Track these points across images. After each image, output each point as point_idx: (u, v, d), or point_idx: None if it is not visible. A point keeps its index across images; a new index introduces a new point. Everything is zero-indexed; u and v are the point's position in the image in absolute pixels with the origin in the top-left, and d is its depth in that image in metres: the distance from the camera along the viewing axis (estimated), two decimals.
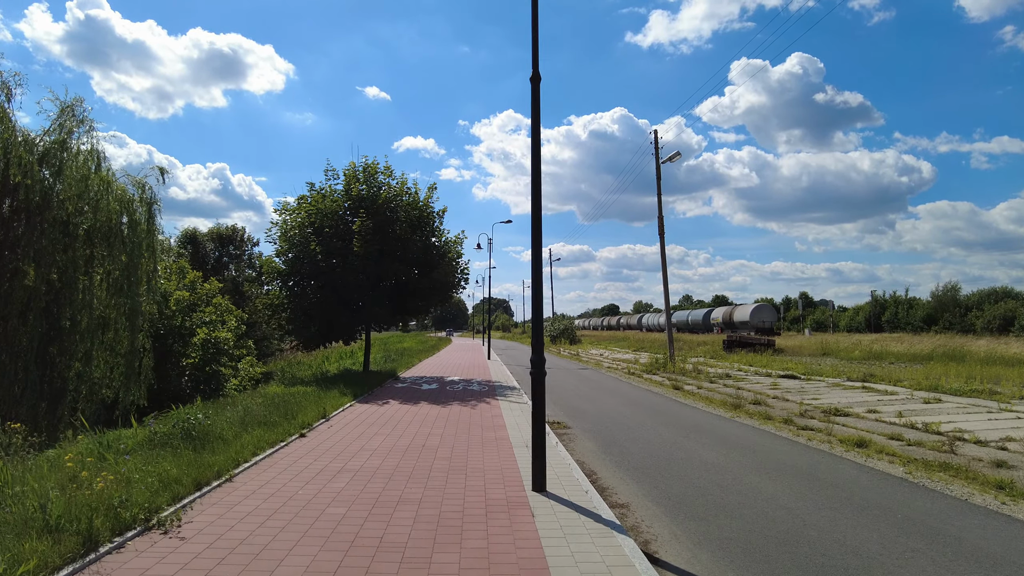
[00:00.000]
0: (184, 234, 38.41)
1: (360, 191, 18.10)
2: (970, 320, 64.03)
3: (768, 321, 57.94)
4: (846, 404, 13.63)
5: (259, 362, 22.71)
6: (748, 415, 12.34)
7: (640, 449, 8.96)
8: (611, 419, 11.81)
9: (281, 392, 12.50)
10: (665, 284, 25.34)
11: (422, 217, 18.82)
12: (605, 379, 20.74)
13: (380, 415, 11.30)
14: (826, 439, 9.64)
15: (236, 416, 9.03)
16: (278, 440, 8.37)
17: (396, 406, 12.58)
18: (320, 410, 10.75)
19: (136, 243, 13.52)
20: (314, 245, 17.16)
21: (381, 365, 23.03)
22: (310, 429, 9.55)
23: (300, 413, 10.22)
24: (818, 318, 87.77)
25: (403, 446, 8.46)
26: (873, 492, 6.58)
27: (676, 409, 13.35)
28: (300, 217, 18.02)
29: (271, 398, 11.26)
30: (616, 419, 11.81)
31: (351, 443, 8.61)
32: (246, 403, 10.41)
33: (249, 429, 8.46)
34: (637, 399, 15.11)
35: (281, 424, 9.11)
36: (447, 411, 11.94)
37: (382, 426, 10.12)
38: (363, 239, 16.93)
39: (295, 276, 17.83)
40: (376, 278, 17.79)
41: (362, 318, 18.10)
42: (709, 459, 8.26)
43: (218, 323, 21.16)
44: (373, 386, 15.77)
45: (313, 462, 7.38)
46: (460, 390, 15.89)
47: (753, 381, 19.46)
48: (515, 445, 8.60)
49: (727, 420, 11.81)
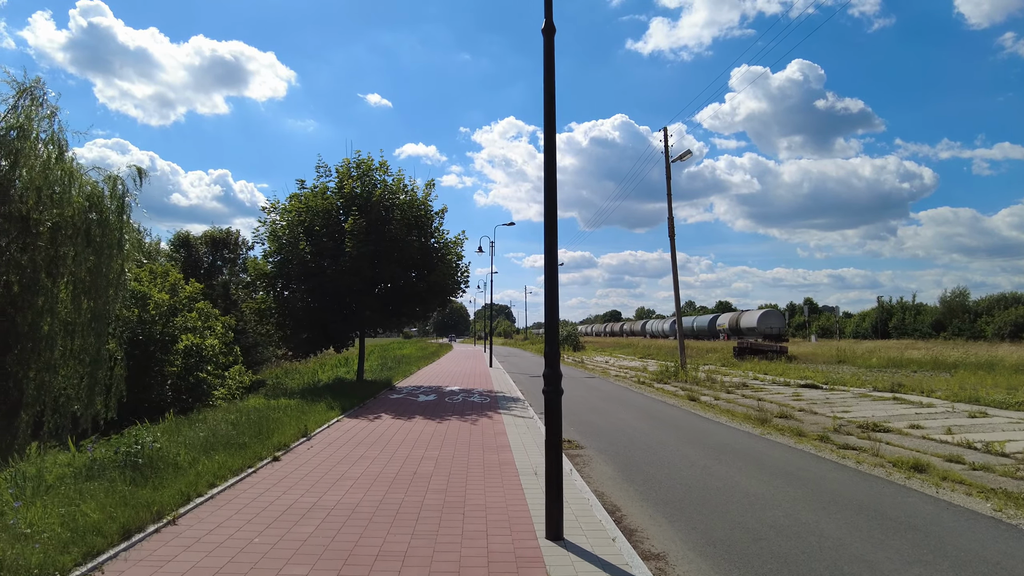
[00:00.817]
0: (177, 237, 37.31)
1: (353, 189, 16.94)
2: (980, 326, 62.73)
3: (776, 327, 56.60)
4: (882, 418, 12.40)
5: (248, 370, 21.49)
6: (778, 431, 11.12)
7: (667, 476, 7.73)
8: (628, 436, 10.58)
9: (261, 406, 11.29)
10: (676, 288, 24.15)
11: (420, 216, 17.65)
12: (615, 389, 19.50)
13: (369, 433, 10.08)
14: (876, 461, 8.41)
15: (198, 437, 7.81)
16: (245, 466, 7.15)
17: (388, 421, 11.36)
18: (301, 427, 9.53)
19: (106, 242, 12.37)
20: (303, 245, 15.99)
21: (377, 374, 21.80)
22: (286, 451, 8.33)
23: (277, 431, 9.00)
24: (823, 324, 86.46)
25: (391, 473, 7.24)
26: (966, 538, 5.34)
27: (697, 424, 12.12)
28: (290, 216, 16.86)
29: (247, 413, 10.05)
30: (633, 436, 10.58)
31: (331, 469, 7.40)
32: (218, 419, 9.19)
33: (212, 453, 7.24)
34: (652, 412, 13.87)
35: (252, 446, 7.89)
36: (444, 427, 10.71)
37: (370, 446, 8.90)
38: (356, 239, 15.75)
39: (283, 279, 16.63)
40: (370, 281, 16.61)
41: (355, 323, 16.88)
42: (751, 489, 7.03)
43: (204, 329, 20.02)
44: (365, 398, 14.55)
45: (281, 495, 6.17)
46: (460, 402, 14.67)
47: (772, 391, 18.23)
48: (522, 472, 7.37)
49: (757, 437, 10.58)
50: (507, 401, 15.02)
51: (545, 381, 5.05)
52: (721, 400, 16.07)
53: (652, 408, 14.60)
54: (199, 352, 18.37)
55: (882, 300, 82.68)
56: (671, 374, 23.13)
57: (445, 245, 18.28)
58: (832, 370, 25.46)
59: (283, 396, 13.04)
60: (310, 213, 16.57)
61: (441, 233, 18.48)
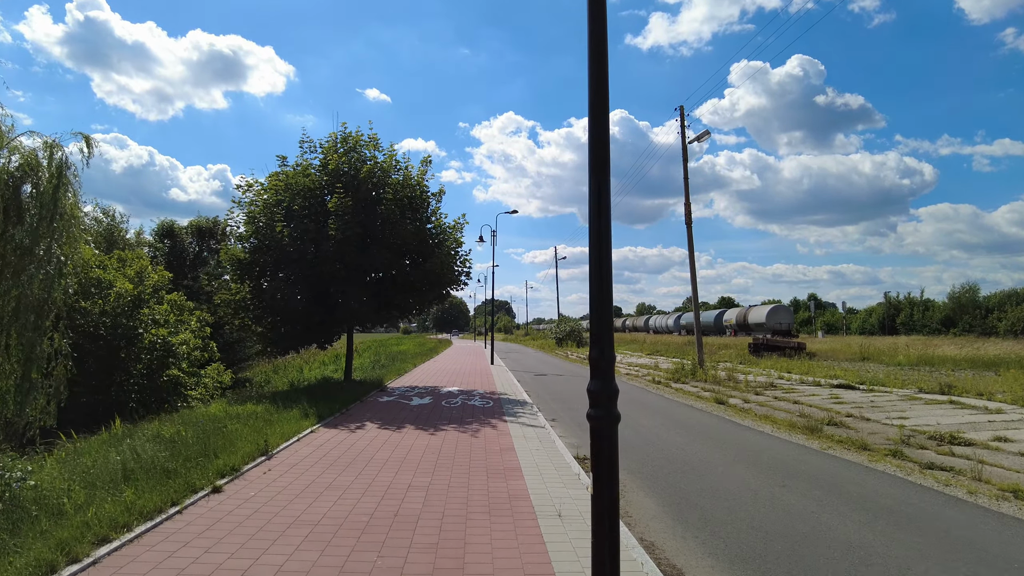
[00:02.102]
0: (161, 227, 35.37)
1: (340, 165, 15.03)
2: (991, 323, 61.06)
3: (785, 323, 54.79)
4: (952, 427, 10.57)
5: (227, 369, 19.62)
6: (837, 443, 9.30)
7: (730, 513, 5.88)
8: (662, 452, 8.72)
9: (220, 413, 9.44)
10: (693, 278, 22.26)
11: (415, 197, 15.75)
12: (630, 389, 17.65)
13: (347, 449, 8.22)
14: (989, 491, 6.57)
15: (113, 463, 5.95)
16: (166, 505, 5.29)
17: (373, 432, 9.50)
18: (260, 443, 7.66)
19: (43, 219, 10.49)
20: (280, 227, 14.08)
21: (367, 372, 19.93)
22: (235, 477, 6.48)
23: (227, 450, 7.15)
24: (828, 320, 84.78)
25: (364, 513, 5.39)
26: None
27: (738, 435, 10.27)
28: (267, 195, 14.96)
29: (195, 425, 8.18)
30: (669, 452, 8.72)
31: (285, 507, 5.54)
32: (149, 435, 7.32)
33: (126, 486, 5.39)
34: (680, 418, 12.03)
35: (186, 472, 6.04)
36: (439, 441, 8.86)
37: (344, 469, 7.04)
38: (341, 220, 13.86)
39: (260, 267, 14.73)
40: (357, 268, 14.71)
41: (341, 317, 14.99)
42: (851, 536, 5.18)
43: (177, 323, 18.14)
44: (350, 401, 12.69)
45: (201, 556, 4.32)
46: (458, 406, 12.81)
47: (806, 393, 16.39)
48: (540, 511, 5.52)
49: (816, 452, 8.74)
50: (512, 405, 13.17)
51: (592, 401, 3.18)
52: (752, 403, 14.25)
53: (679, 414, 12.76)
54: (169, 348, 16.51)
55: (889, 296, 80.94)
56: (688, 373, 21.29)
57: (443, 230, 16.39)
58: (860, 368, 23.63)
59: (252, 400, 11.18)
60: (290, 192, 14.68)
61: (439, 217, 16.59)
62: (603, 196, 3.23)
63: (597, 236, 3.22)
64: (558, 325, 57.00)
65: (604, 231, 3.22)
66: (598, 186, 3.23)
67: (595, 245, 3.23)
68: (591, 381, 3.19)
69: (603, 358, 3.15)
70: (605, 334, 3.17)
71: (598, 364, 3.16)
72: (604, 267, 3.19)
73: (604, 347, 3.15)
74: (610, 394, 3.14)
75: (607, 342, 3.16)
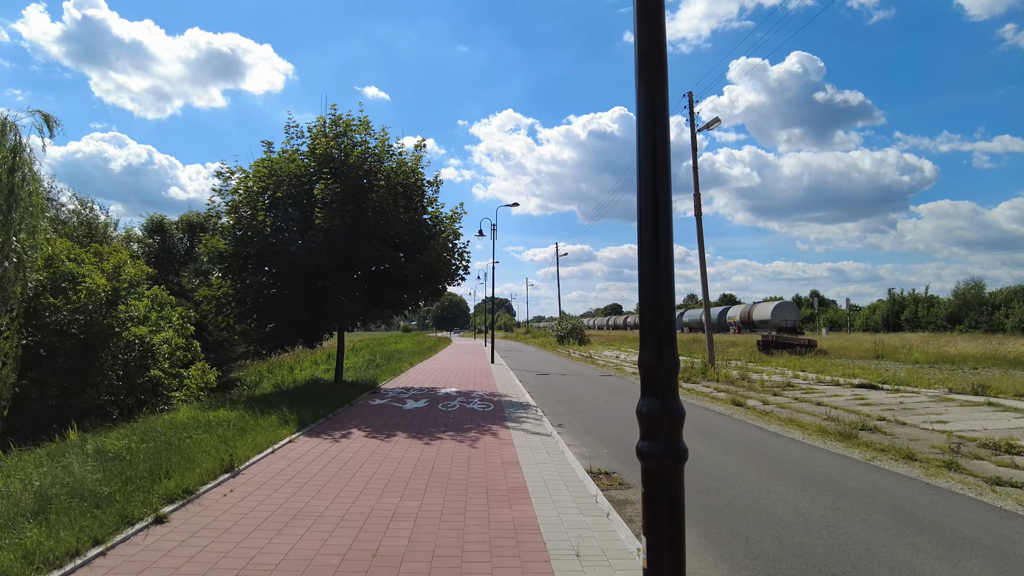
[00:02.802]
0: (150, 222, 34.24)
1: (329, 151, 13.94)
2: (997, 319, 60.09)
3: (791, 320, 53.74)
4: (1001, 432, 9.55)
5: (212, 368, 18.54)
6: (878, 452, 8.30)
7: (777, 542, 4.82)
8: (692, 469, 7.55)
9: (187, 421, 8.39)
10: (703, 273, 21.21)
11: (409, 185, 14.68)
12: (639, 390, 16.58)
13: (326, 463, 7.18)
14: None
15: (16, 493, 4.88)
16: (85, 544, 4.24)
17: (359, 442, 8.45)
18: (225, 458, 6.61)
19: None
20: (262, 216, 13.01)
21: (361, 373, 18.86)
22: (188, 501, 5.43)
23: (183, 467, 6.10)
24: (830, 317, 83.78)
25: (335, 554, 4.34)
26: None
27: (766, 442, 9.23)
28: (250, 182, 13.89)
29: (150, 436, 7.13)
30: (695, 463, 7.65)
31: (239, 543, 4.50)
32: (90, 451, 6.26)
33: (27, 524, 4.33)
34: (701, 423, 10.98)
35: (121, 500, 4.99)
36: (433, 452, 7.81)
37: (319, 490, 5.99)
38: (328, 208, 12.79)
39: (242, 259, 13.65)
40: (347, 262, 13.64)
41: (330, 314, 13.92)
42: None
43: (159, 320, 17.08)
44: (339, 405, 11.65)
45: None
46: (456, 410, 11.77)
47: (827, 393, 15.35)
48: (553, 550, 4.47)
49: (859, 464, 7.70)
50: (515, 408, 12.13)
51: (645, 428, 2.13)
52: (772, 405, 13.22)
53: (697, 418, 11.70)
54: (144, 346, 15.45)
55: (893, 292, 79.94)
56: (699, 371, 20.25)
57: (439, 220, 15.32)
58: (877, 367, 22.59)
59: (226, 405, 10.11)
60: (274, 179, 13.60)
61: (437, 207, 15.52)
62: (658, 121, 2.17)
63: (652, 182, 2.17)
64: (559, 323, 55.97)
65: (661, 175, 2.17)
66: (651, 107, 2.17)
67: (649, 202, 2.17)
68: (644, 399, 2.14)
69: (661, 365, 2.11)
70: (663, 328, 2.12)
71: (654, 374, 2.11)
72: (662, 228, 2.14)
73: (663, 348, 2.10)
74: (673, 419, 2.09)
75: (666, 340, 2.11)
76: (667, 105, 2.20)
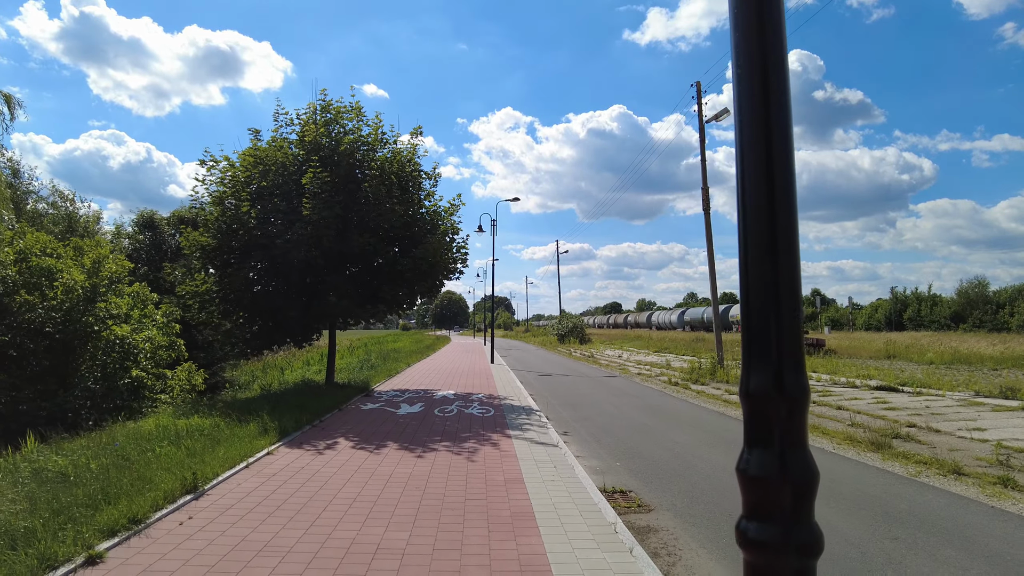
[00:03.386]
0: (141, 217, 33.37)
1: (318, 137, 13.08)
2: (1002, 318, 59.43)
3: None
4: None
5: (199, 369, 17.66)
6: (920, 465, 7.52)
7: None
8: (713, 482, 6.83)
9: (153, 431, 7.54)
10: (712, 266, 20.38)
11: (404, 175, 13.82)
12: (647, 393, 15.79)
13: (305, 481, 6.34)
14: None
15: None
16: None
17: (345, 455, 7.62)
18: (188, 476, 5.77)
19: None
20: (246, 207, 12.15)
21: (354, 374, 18.00)
22: (134, 533, 4.59)
23: (136, 489, 5.25)
24: (831, 316, 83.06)
25: None
26: None
27: None
28: (234, 172, 13.03)
29: (104, 450, 6.27)
30: (722, 482, 6.82)
31: None
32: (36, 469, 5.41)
33: None
34: (718, 431, 10.15)
35: (44, 536, 4.14)
36: (427, 467, 6.98)
37: (292, 516, 5.16)
38: (317, 199, 11.93)
39: (226, 253, 12.79)
40: (338, 256, 12.79)
41: (319, 312, 13.05)
42: None
43: (142, 319, 16.22)
44: (327, 410, 10.81)
45: None
46: (453, 415, 10.93)
47: (845, 396, 14.53)
48: None
49: (905, 481, 6.88)
50: (517, 413, 11.29)
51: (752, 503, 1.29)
52: None
53: (713, 425, 10.88)
54: (124, 346, 14.58)
55: (896, 291, 79.27)
56: (707, 372, 19.43)
57: (436, 212, 14.47)
58: (891, 367, 21.77)
59: (201, 411, 9.25)
60: (260, 168, 12.74)
61: (434, 201, 14.66)
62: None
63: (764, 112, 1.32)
64: (560, 322, 55.15)
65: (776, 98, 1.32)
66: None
67: (760, 143, 1.33)
68: (752, 452, 1.30)
69: (783, 397, 1.26)
70: (787, 339, 1.27)
71: (771, 410, 1.27)
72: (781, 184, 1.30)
73: (784, 370, 1.26)
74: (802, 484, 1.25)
75: (790, 359, 1.27)
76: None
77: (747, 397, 1.32)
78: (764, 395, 1.27)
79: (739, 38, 1.38)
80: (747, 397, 1.32)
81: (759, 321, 1.30)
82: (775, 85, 1.34)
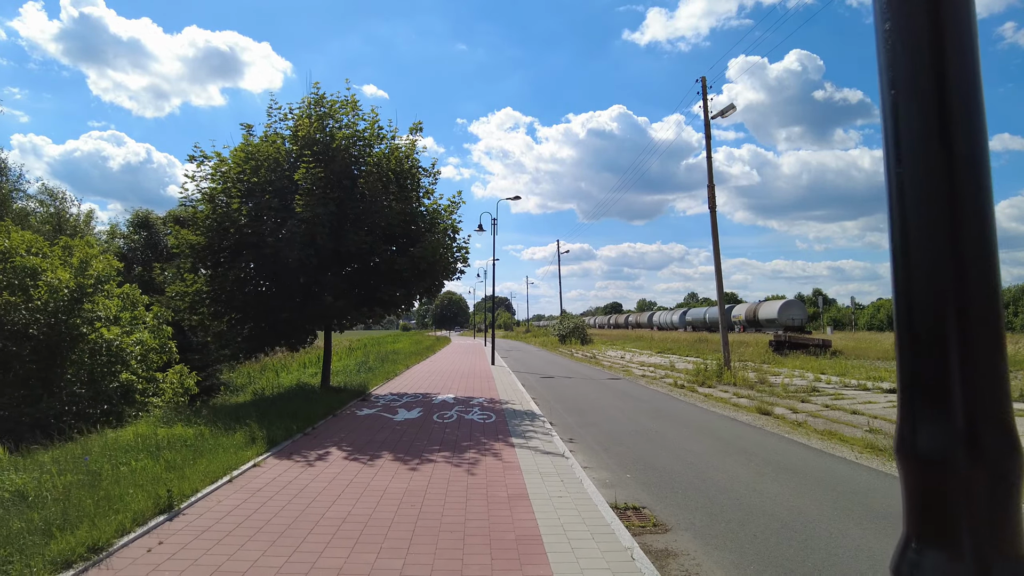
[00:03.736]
0: (136, 217, 32.96)
1: (312, 132, 12.60)
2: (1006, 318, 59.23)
3: (798, 318, 52.33)
4: None
5: (191, 372, 17.16)
6: None
7: None
8: (732, 497, 6.33)
9: (131, 442, 7.06)
10: (718, 265, 19.88)
11: (402, 171, 13.34)
12: (652, 396, 15.30)
13: (291, 498, 5.85)
14: None
15: None
16: None
17: (336, 467, 7.13)
18: (163, 494, 5.29)
19: None
20: (237, 204, 11.68)
21: (351, 376, 17.52)
22: (91, 564, 4.11)
23: (102, 511, 4.77)
24: (833, 315, 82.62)
25: None
26: None
27: (817, 463, 7.90)
28: (226, 167, 12.56)
29: (72, 464, 5.79)
30: (741, 496, 6.33)
31: None
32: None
33: None
34: (732, 438, 9.66)
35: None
36: (424, 481, 6.49)
37: (274, 540, 4.67)
38: (309, 196, 11.46)
39: (216, 252, 12.32)
40: (333, 255, 12.31)
41: (313, 313, 12.57)
42: None
43: (132, 320, 15.74)
44: (320, 416, 10.32)
45: None
46: (453, 422, 10.44)
47: (858, 399, 14.06)
48: None
49: None
50: (519, 419, 10.81)
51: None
52: (803, 413, 11.93)
53: (725, 431, 10.39)
54: (116, 349, 14.09)
55: None
56: (713, 374, 18.95)
57: (435, 211, 13.99)
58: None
59: (184, 420, 8.76)
60: (252, 163, 12.27)
61: (434, 199, 14.18)
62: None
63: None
64: (561, 322, 54.67)
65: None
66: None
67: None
68: (919, 554, 0.80)
69: (979, 470, 0.76)
70: (988, 341, 0.78)
71: (957, 488, 0.77)
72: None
73: (978, 419, 0.77)
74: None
75: (990, 394, 0.77)
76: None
77: (905, 456, 0.83)
78: (942, 462, 0.78)
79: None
80: (905, 456, 0.83)
81: (930, 337, 0.81)
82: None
